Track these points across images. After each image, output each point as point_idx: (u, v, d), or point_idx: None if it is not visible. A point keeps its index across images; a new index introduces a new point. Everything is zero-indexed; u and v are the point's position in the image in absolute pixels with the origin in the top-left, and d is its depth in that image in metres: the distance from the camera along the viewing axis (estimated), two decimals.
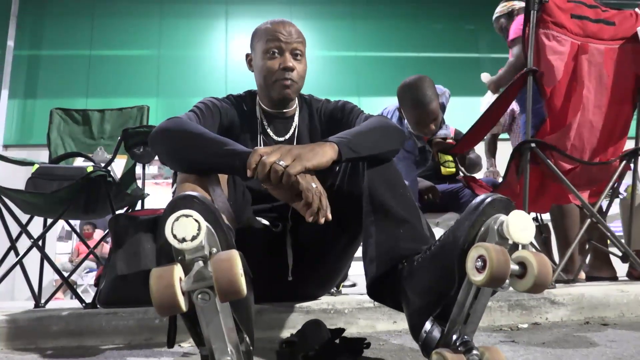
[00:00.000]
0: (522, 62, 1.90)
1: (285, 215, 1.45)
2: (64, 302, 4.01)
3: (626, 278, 2.66)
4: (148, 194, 2.38)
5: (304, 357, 1.02)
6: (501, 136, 3.52)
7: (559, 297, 1.66)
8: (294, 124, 1.52)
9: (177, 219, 0.69)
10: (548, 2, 1.80)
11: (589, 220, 2.00)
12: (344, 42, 6.60)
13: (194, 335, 0.84)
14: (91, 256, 6.44)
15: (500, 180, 3.11)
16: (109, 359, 1.28)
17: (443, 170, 2.34)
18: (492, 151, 3.59)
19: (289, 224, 1.45)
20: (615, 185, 2.12)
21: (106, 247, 5.09)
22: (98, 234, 6.25)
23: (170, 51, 6.85)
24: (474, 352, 0.84)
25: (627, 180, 2.25)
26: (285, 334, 1.50)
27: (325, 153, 1.04)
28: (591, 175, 2.02)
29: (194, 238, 0.69)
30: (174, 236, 0.69)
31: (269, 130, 1.50)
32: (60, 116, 2.58)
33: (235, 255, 0.71)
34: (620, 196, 2.64)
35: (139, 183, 2.44)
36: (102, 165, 2.14)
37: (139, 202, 2.40)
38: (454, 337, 0.88)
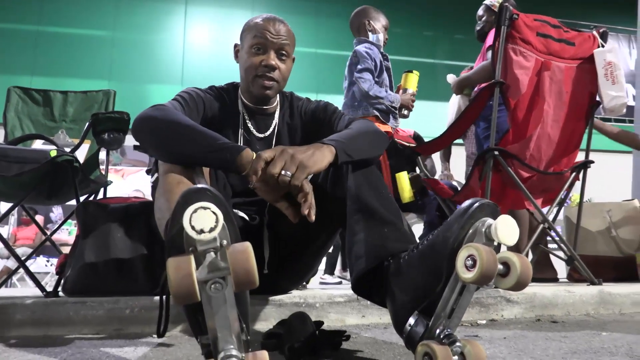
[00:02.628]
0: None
1: (262, 209, 1.47)
2: (18, 290, 3.82)
3: (566, 280, 2.86)
4: (112, 182, 2.31)
5: (289, 349, 1.05)
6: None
7: (514, 296, 1.77)
8: (274, 121, 1.54)
9: (195, 211, 0.71)
10: (518, 19, 1.91)
11: (541, 226, 2.14)
12: (306, 38, 6.63)
13: (194, 324, 0.86)
14: (27, 243, 6.12)
15: (454, 182, 3.26)
16: (81, 349, 1.25)
17: (403, 199, 2.47)
18: (446, 155, 3.76)
19: (266, 218, 1.48)
20: (565, 194, 2.28)
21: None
22: (38, 219, 5.98)
23: (125, 33, 6.62)
24: (457, 344, 0.90)
25: (575, 190, 2.42)
26: (258, 326, 1.52)
27: (324, 157, 1.08)
28: (546, 184, 2.16)
29: (212, 230, 0.71)
30: (192, 227, 0.70)
31: (249, 125, 1.51)
32: (19, 95, 2.43)
33: (250, 247, 0.74)
34: (565, 204, 2.83)
35: (102, 170, 2.37)
36: (66, 149, 2.06)
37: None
38: (438, 330, 0.94)
